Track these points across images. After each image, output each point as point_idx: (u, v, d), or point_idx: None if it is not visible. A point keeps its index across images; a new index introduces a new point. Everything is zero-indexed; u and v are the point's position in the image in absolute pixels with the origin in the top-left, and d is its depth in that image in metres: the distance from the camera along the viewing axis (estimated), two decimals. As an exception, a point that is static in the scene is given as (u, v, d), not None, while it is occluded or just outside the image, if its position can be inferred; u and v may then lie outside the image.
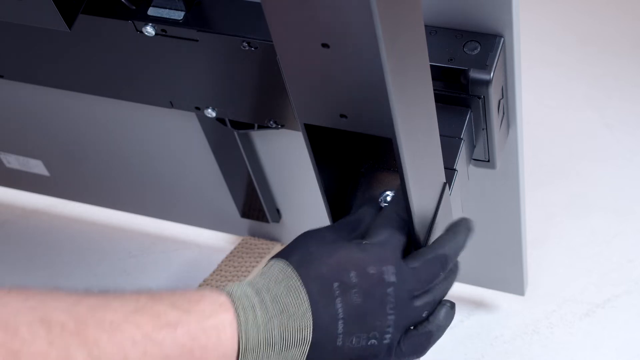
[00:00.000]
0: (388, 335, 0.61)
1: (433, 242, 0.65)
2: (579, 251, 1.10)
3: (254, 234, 1.09)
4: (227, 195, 1.01)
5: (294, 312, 0.58)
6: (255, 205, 1.01)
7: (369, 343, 0.61)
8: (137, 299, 0.55)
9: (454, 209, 0.70)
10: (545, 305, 1.05)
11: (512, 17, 0.69)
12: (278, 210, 1.03)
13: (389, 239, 0.62)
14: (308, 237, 0.63)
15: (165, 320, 0.54)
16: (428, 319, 0.65)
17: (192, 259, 1.14)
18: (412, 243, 0.64)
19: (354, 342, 0.60)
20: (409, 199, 0.60)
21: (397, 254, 0.62)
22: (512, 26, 0.69)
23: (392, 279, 0.61)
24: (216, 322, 0.56)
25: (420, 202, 0.62)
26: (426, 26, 0.69)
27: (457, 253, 0.66)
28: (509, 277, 1.01)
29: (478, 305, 1.07)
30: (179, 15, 0.75)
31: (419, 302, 0.63)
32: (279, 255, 0.62)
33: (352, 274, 0.60)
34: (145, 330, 0.53)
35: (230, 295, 0.58)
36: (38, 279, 1.13)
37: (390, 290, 0.61)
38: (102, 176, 1.08)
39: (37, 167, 1.11)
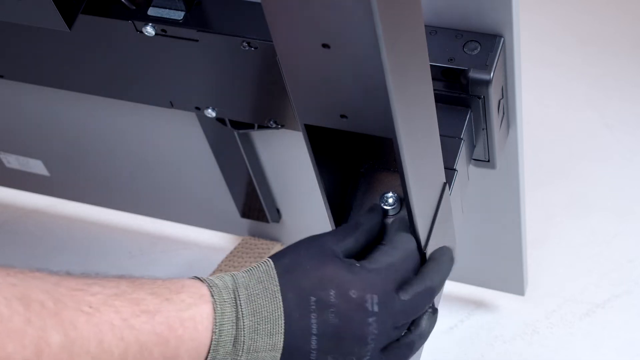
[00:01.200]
0: (366, 358, 0.61)
1: (421, 273, 0.63)
2: (579, 251, 1.10)
3: (254, 234, 1.09)
4: (227, 195, 1.01)
5: (267, 316, 0.58)
6: (255, 205, 1.01)
7: None
8: (117, 284, 0.55)
9: (454, 209, 0.70)
10: (545, 305, 1.05)
11: (512, 17, 0.69)
12: (278, 210, 1.03)
13: (385, 269, 0.61)
14: (306, 244, 0.62)
15: (145, 307, 0.54)
16: (409, 329, 0.63)
17: (192, 259, 1.14)
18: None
19: None
20: (409, 199, 0.60)
21: (389, 285, 0.60)
22: (512, 26, 0.69)
23: (375, 308, 0.59)
24: (194, 313, 0.56)
25: (420, 202, 0.62)
26: (426, 26, 0.69)
27: (442, 284, 0.65)
28: (509, 277, 1.01)
29: (478, 305, 1.07)
30: (179, 15, 0.75)
31: (400, 325, 0.62)
32: (274, 255, 0.61)
33: (332, 292, 0.59)
34: (123, 315, 0.53)
35: (211, 287, 0.58)
36: (38, 279, 1.13)
37: (372, 320, 0.59)
38: (102, 176, 1.08)
39: (37, 167, 1.11)
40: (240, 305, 0.58)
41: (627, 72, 1.28)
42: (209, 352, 0.57)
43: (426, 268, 0.64)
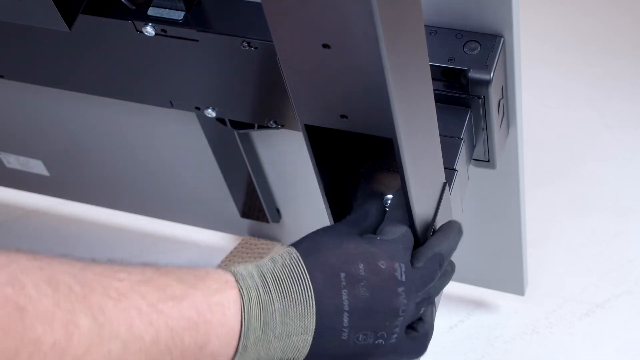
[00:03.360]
0: (395, 336, 0.61)
1: (429, 241, 0.64)
2: (579, 251, 1.10)
3: (254, 234, 1.09)
4: (227, 195, 1.01)
5: (296, 298, 0.58)
6: (255, 205, 1.01)
7: (375, 342, 0.60)
8: (142, 271, 0.55)
9: (454, 209, 0.70)
10: (545, 305, 1.05)
11: (512, 17, 0.69)
12: (278, 210, 1.03)
13: (401, 238, 0.62)
14: (322, 229, 0.62)
15: (171, 292, 0.54)
16: (422, 318, 0.64)
17: (192, 259, 1.14)
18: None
19: (360, 339, 0.60)
20: (409, 199, 0.60)
21: (408, 254, 0.62)
22: (512, 26, 0.69)
23: (403, 277, 0.60)
24: (221, 298, 0.56)
25: (420, 202, 0.62)
26: (426, 26, 0.69)
27: (450, 253, 0.65)
28: (509, 277, 1.01)
29: (478, 305, 1.07)
30: (179, 15, 0.75)
31: (419, 301, 0.63)
32: (293, 243, 0.61)
33: (361, 266, 0.59)
34: (150, 300, 0.53)
35: (235, 274, 0.58)
36: (38, 279, 1.13)
37: (401, 289, 0.60)
38: (102, 176, 1.08)
39: (37, 167, 1.11)
40: (269, 290, 0.57)
41: (627, 72, 1.28)
42: (240, 339, 0.56)
43: (433, 237, 0.65)
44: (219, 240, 1.15)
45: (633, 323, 1.03)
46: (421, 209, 0.63)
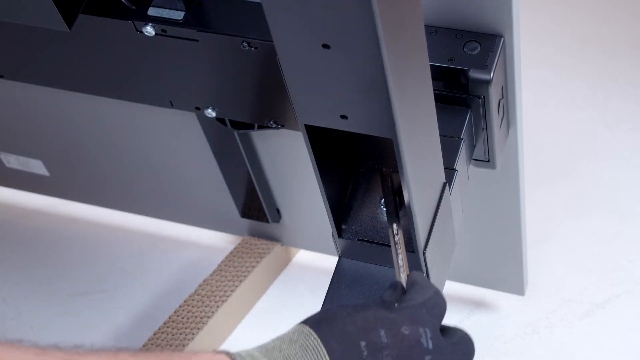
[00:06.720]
0: None
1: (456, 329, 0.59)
2: (579, 251, 1.10)
3: (254, 234, 1.09)
4: (227, 195, 1.01)
5: None
6: (255, 205, 1.01)
7: None
8: (115, 356, 0.50)
9: (454, 209, 0.70)
10: (545, 305, 1.05)
11: (512, 17, 0.69)
12: (278, 210, 1.03)
13: (425, 302, 0.57)
14: (331, 305, 0.58)
15: None
16: None
17: (192, 259, 1.14)
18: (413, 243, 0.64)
19: None
20: (410, 199, 0.60)
21: (436, 321, 0.57)
22: (512, 26, 0.70)
23: (430, 345, 0.55)
24: None
25: (420, 202, 0.62)
26: (426, 26, 0.69)
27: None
28: (509, 277, 1.01)
29: (478, 305, 1.07)
30: (179, 15, 0.75)
31: None
32: (300, 322, 0.57)
33: (382, 332, 0.54)
34: None
35: (232, 355, 0.53)
36: (38, 279, 1.13)
37: (429, 358, 0.55)
38: (102, 176, 1.08)
39: (37, 167, 1.11)
40: None
41: (627, 72, 1.28)
42: None
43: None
44: (219, 240, 1.15)
45: (633, 323, 1.03)
46: (421, 209, 0.63)
